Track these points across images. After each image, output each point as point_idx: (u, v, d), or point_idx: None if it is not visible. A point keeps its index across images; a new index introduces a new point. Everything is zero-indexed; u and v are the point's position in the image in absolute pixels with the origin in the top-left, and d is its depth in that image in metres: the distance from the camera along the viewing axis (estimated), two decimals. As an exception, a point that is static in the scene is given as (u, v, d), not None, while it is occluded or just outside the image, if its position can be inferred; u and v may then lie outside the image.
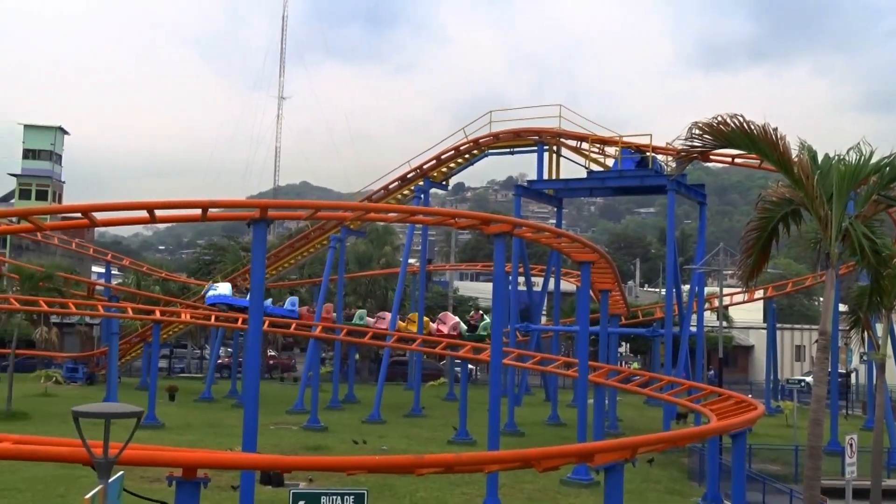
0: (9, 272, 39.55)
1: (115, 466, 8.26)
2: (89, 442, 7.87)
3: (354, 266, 56.24)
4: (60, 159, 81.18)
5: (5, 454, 9.71)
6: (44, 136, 78.63)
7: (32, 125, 79.15)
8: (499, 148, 40.26)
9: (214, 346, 47.38)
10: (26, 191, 76.40)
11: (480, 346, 32.71)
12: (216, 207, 17.04)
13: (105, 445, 7.86)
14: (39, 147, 77.96)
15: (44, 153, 77.97)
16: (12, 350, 35.44)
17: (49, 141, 78.49)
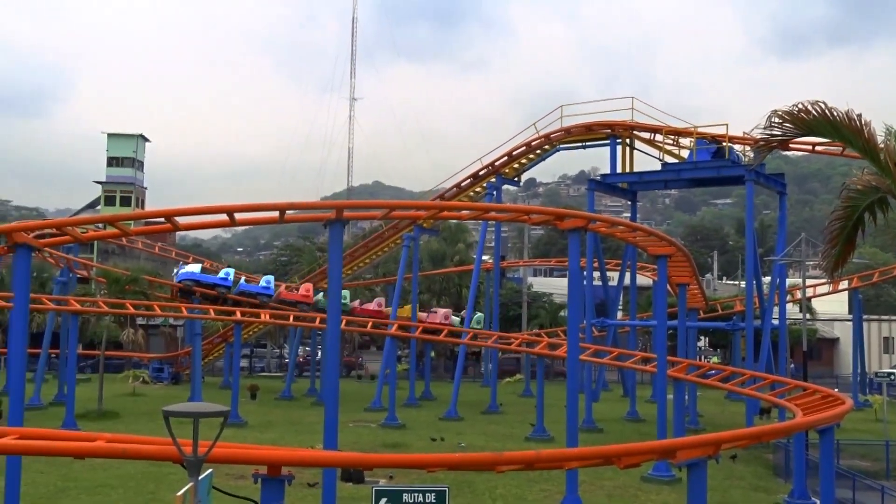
0: (97, 276, 40.88)
1: (204, 464, 8.47)
2: (178, 440, 8.10)
3: (428, 264, 56.49)
4: (142, 166, 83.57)
5: (100, 452, 10.06)
6: (126, 144, 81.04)
7: (115, 134, 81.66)
8: (570, 142, 39.93)
9: (293, 345, 48.21)
10: (111, 197, 78.80)
11: (557, 342, 32.54)
12: (293, 209, 17.32)
13: (194, 444, 8.07)
14: (122, 155, 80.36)
15: (126, 160, 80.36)
16: (101, 351, 36.64)
17: (131, 149, 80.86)
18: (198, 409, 8.10)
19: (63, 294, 37.88)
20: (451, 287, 58.56)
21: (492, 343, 37.32)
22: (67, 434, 12.17)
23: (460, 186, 41.08)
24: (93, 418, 31.85)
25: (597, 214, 27.35)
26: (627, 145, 38.22)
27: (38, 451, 10.42)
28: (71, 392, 30.31)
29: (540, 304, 63.06)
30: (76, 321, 32.24)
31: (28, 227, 17.36)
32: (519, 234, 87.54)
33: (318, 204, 21.73)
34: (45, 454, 10.53)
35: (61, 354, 40.56)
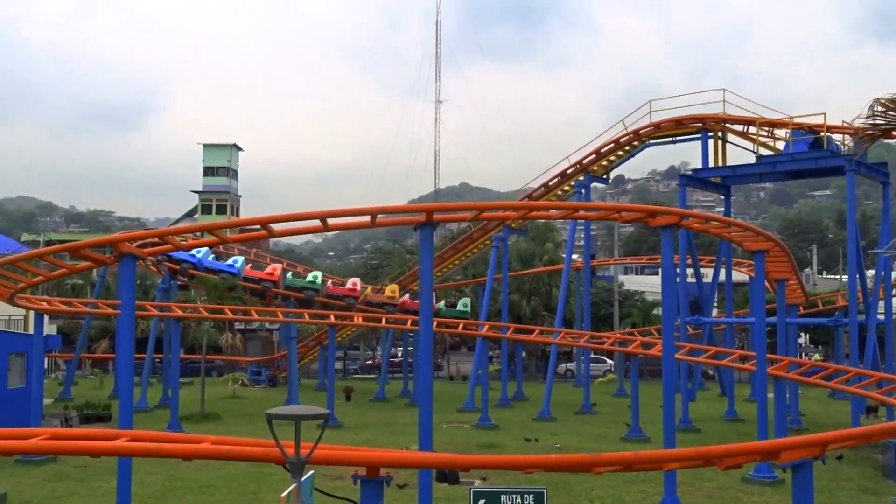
0: (196, 283, 42.16)
1: (306, 465, 8.66)
2: (281, 442, 8.30)
3: (517, 264, 56.36)
4: (236, 174, 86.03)
5: (206, 454, 10.37)
6: (221, 153, 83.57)
7: (211, 144, 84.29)
8: (660, 138, 39.26)
9: (385, 347, 48.78)
10: (207, 206, 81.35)
11: (650, 341, 32.01)
12: (384, 213, 17.52)
13: (296, 446, 8.25)
14: (217, 164, 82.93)
15: (221, 170, 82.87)
16: (202, 355, 37.84)
17: (226, 158, 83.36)
18: (299, 412, 8.29)
19: (165, 301, 39.25)
20: (541, 287, 58.28)
21: (584, 342, 36.97)
22: (175, 436, 12.60)
23: (548, 186, 40.87)
24: (196, 420, 32.90)
25: (690, 210, 26.79)
26: (719, 138, 37.32)
27: (149, 453, 10.82)
28: (175, 395, 31.37)
29: (632, 302, 62.20)
30: (178, 327, 33.34)
31: (132, 237, 18.04)
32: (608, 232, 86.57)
33: (408, 207, 21.93)
34: (155, 456, 10.91)
35: (165, 359, 42.02)
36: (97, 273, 46.94)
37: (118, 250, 17.09)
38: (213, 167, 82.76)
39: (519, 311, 55.96)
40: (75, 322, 53.24)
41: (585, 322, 42.20)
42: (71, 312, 40.20)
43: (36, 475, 21.88)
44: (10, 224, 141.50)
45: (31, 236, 78.41)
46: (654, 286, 61.53)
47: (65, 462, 23.16)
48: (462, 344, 78.76)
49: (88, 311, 38.01)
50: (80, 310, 35.54)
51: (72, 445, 10.88)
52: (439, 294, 51.25)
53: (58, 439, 10.77)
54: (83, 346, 48.07)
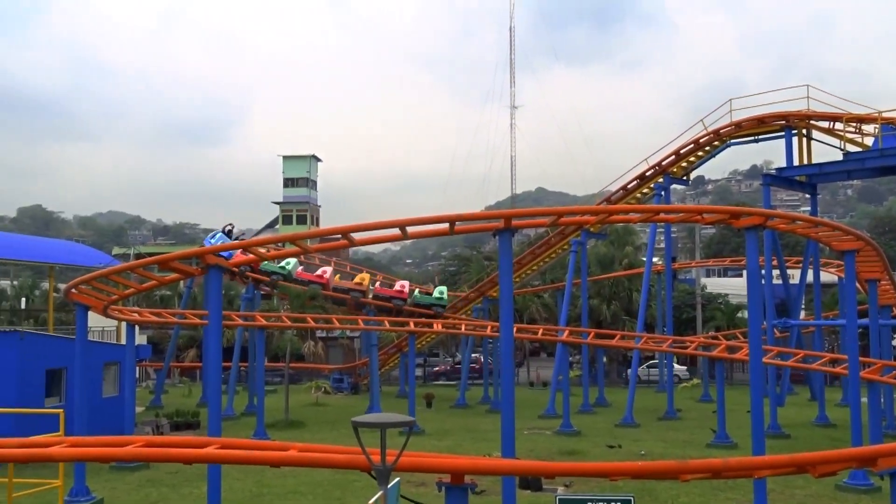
0: (279, 293, 42.96)
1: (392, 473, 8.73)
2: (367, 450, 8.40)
3: (596, 268, 55.80)
4: (315, 185, 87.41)
5: (294, 461, 10.57)
6: (300, 165, 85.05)
7: (290, 156, 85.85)
8: (741, 137, 38.35)
9: (465, 353, 48.85)
10: (288, 216, 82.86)
11: (736, 345, 31.28)
12: (462, 221, 17.57)
13: (382, 453, 8.34)
14: (297, 175, 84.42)
15: (301, 181, 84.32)
16: (286, 363, 38.50)
17: (305, 169, 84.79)
18: (384, 419, 8.37)
19: (249, 310, 40.12)
20: (622, 291, 57.59)
21: (667, 347, 36.33)
22: (263, 444, 12.87)
23: (627, 188, 40.37)
24: (281, 427, 33.51)
25: (775, 210, 26.11)
26: (804, 136, 36.26)
27: (239, 460, 11.09)
28: (261, 403, 32.01)
29: (715, 305, 60.92)
30: (263, 336, 34.05)
31: (219, 249, 18.52)
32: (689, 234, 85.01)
33: (487, 214, 21.97)
34: (245, 463, 11.19)
35: (250, 367, 42.92)
36: (184, 284, 48.27)
37: (205, 262, 17.58)
38: (293, 178, 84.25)
39: (599, 316, 55.39)
40: (164, 332, 54.89)
41: (668, 326, 41.49)
42: (160, 323, 41.43)
43: (130, 481, 22.61)
44: (101, 238, 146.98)
45: (121, 250, 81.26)
46: (737, 288, 60.06)
47: (157, 468, 23.87)
48: (541, 350, 78.34)
49: (177, 322, 39.09)
50: (168, 320, 36.58)
51: (166, 453, 11.23)
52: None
53: (153, 447, 11.13)
54: (172, 355, 49.47)
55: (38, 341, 26.87)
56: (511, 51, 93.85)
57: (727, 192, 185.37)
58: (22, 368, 25.34)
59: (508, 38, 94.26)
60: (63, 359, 26.41)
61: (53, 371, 27.04)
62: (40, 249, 40.32)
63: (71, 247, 48.82)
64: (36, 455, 10.93)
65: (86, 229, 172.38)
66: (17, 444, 11.34)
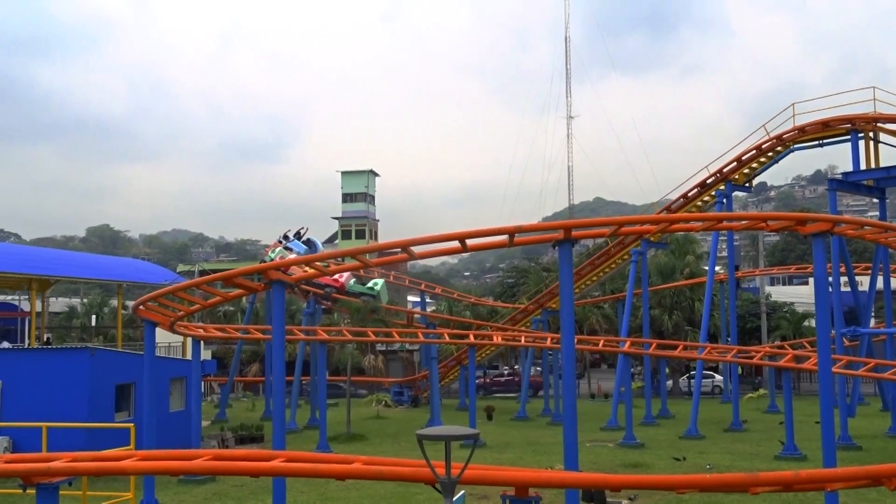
0: (340, 307, 43.35)
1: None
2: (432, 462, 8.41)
3: (657, 278, 55.08)
4: (373, 200, 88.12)
5: (359, 474, 10.64)
6: (358, 180, 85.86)
7: (348, 171, 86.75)
8: (805, 141, 37.55)
9: (525, 365, 48.60)
10: (347, 231, 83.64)
11: (803, 355, 30.57)
12: (522, 232, 17.54)
13: (447, 466, 8.34)
14: (355, 190, 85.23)
15: (359, 196, 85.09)
16: (348, 377, 38.82)
17: (363, 184, 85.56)
18: (448, 432, 8.38)
19: (311, 325, 40.55)
20: (683, 301, 56.70)
21: (731, 357, 35.66)
22: (326, 457, 12.98)
23: (687, 197, 39.83)
24: (343, 441, 33.75)
25: (842, 216, 25.51)
26: (871, 139, 35.35)
27: (305, 473, 11.19)
28: (323, 416, 32.27)
29: (780, 314, 59.63)
30: (324, 350, 34.35)
31: (281, 265, 18.80)
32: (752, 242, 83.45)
33: (546, 225, 21.89)
34: (311, 476, 11.29)
35: (312, 381, 43.34)
36: (247, 300, 49.05)
37: (268, 277, 17.86)
38: (352, 193, 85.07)
39: (660, 327, 54.62)
40: (228, 347, 55.82)
41: (732, 336, 40.76)
42: (224, 338, 42.21)
43: (197, 494, 22.98)
44: (166, 256, 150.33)
45: (186, 267, 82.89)
46: (803, 297, 58.74)
47: (223, 482, 24.22)
48: (602, 361, 77.59)
49: (240, 337, 39.72)
50: (232, 335, 37.21)
51: (234, 466, 11.40)
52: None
53: (220, 460, 11.31)
54: (236, 370, 50.26)
55: (108, 357, 27.54)
56: (567, 60, 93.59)
57: (790, 198, 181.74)
58: (92, 384, 25.99)
59: (564, 47, 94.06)
60: (132, 374, 27.02)
61: (122, 386, 27.68)
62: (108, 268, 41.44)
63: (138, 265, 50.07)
64: (109, 468, 11.20)
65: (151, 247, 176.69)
66: (90, 458, 11.64)
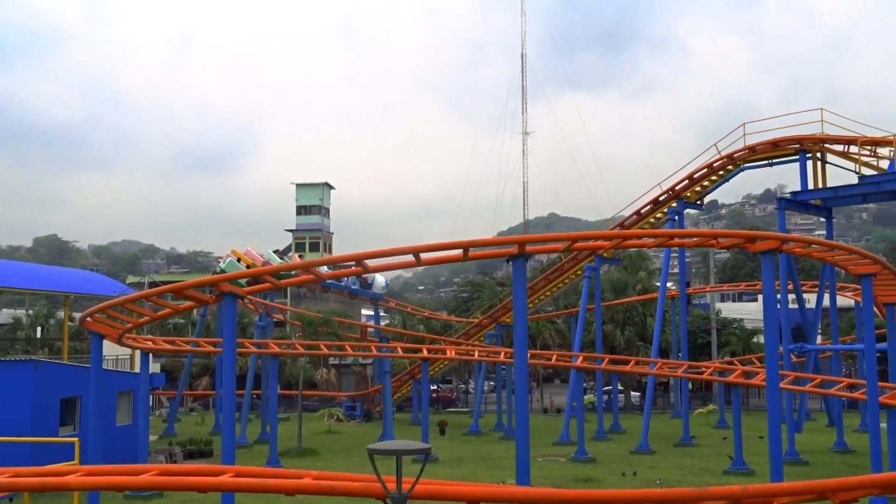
0: (292, 320, 43.00)
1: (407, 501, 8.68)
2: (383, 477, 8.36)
3: (610, 294, 55.62)
4: (328, 212, 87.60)
5: (308, 489, 10.54)
6: (313, 192, 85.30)
7: (303, 183, 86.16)
8: (755, 161, 38.33)
9: (479, 380, 48.65)
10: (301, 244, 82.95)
11: (753, 370, 31.06)
12: (476, 247, 17.61)
13: (398, 481, 8.31)
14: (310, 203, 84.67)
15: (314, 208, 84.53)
16: (299, 391, 38.47)
17: (318, 197, 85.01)
18: (400, 446, 8.35)
19: (262, 338, 40.15)
20: (636, 316, 57.31)
21: (682, 373, 36.10)
22: (277, 472, 12.83)
23: (640, 213, 40.34)
24: (294, 456, 33.40)
25: (790, 234, 26.03)
26: (819, 159, 36.21)
27: (254, 489, 11.05)
28: (274, 431, 31.94)
29: (730, 330, 60.55)
30: (276, 363, 34.05)
31: (232, 277, 18.61)
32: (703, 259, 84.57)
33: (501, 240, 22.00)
34: (260, 491, 11.14)
35: (263, 395, 42.86)
36: (197, 312, 48.41)
37: (219, 290, 17.65)
38: (306, 206, 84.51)
39: (613, 342, 55.14)
40: (177, 360, 54.99)
41: (682, 351, 41.30)
42: (174, 351, 41.56)
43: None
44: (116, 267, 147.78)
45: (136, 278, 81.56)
46: (752, 313, 59.78)
47: (171, 497, 23.80)
48: (555, 376, 77.96)
49: (190, 350, 39.18)
50: (182, 348, 36.68)
51: (181, 481, 11.22)
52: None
53: (167, 475, 11.12)
54: (185, 383, 49.50)
55: (53, 370, 26.93)
56: (523, 77, 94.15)
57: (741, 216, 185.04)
58: (37, 397, 25.38)
59: (520, 64, 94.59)
60: (77, 387, 26.46)
61: (68, 400, 27.07)
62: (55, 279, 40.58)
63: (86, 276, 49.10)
64: (52, 484, 10.96)
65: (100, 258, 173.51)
66: (33, 473, 11.37)
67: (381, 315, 61.39)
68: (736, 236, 20.19)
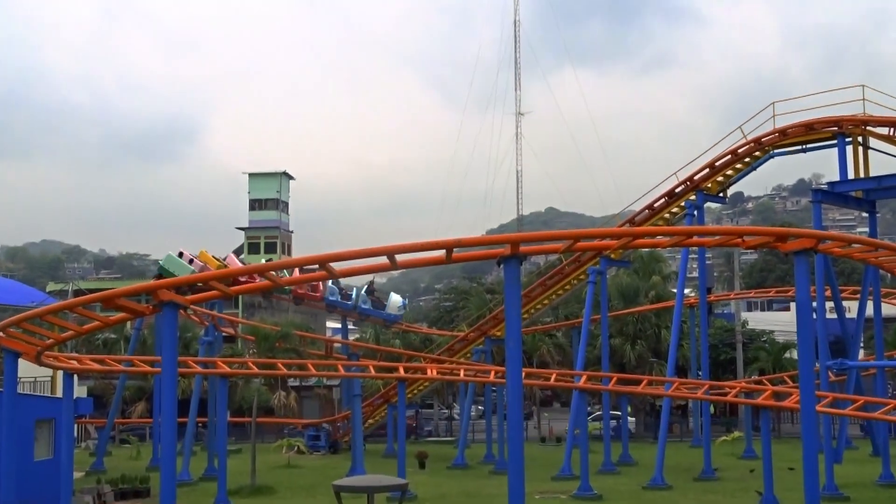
0: (244, 334, 42.87)
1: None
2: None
3: (618, 302, 55.80)
4: (287, 207, 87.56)
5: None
6: (269, 183, 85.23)
7: (257, 173, 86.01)
8: (786, 146, 38.56)
9: (465, 405, 48.64)
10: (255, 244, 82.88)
11: (785, 391, 31.22)
12: (461, 247, 17.58)
13: (369, 523, 8.28)
14: (265, 196, 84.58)
15: (270, 202, 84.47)
16: (253, 418, 38.27)
17: (275, 189, 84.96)
18: (371, 482, 8.32)
19: (209, 355, 39.96)
20: (648, 328, 57.55)
21: (702, 394, 36.25)
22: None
23: (653, 208, 40.47)
24: (246, 494, 33.29)
25: (828, 232, 26.20)
26: (860, 144, 36.44)
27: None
28: (222, 465, 31.77)
29: (758, 344, 60.94)
30: (225, 385, 33.85)
31: (174, 284, 18.53)
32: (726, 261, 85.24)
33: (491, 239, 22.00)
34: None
35: (210, 423, 42.66)
36: (131, 326, 48.16)
37: (157, 299, 17.55)
38: (261, 199, 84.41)
39: (622, 359, 55.35)
40: (108, 383, 54.67)
41: (703, 369, 41.43)
42: (104, 371, 41.26)
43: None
44: (34, 272, 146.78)
45: (57, 285, 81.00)
46: (784, 324, 60.12)
47: (100, 544, 23.66)
48: (554, 398, 78.15)
49: (123, 370, 38.89)
50: (114, 368, 36.35)
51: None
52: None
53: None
54: (117, 410, 49.18)
55: (-41, 394, 26.68)
56: (516, 49, 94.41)
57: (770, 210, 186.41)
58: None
59: (513, 33, 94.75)
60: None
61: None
62: (-39, 286, 40.24)
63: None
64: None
65: (15, 262, 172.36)
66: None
67: (350, 328, 61.29)
68: (764, 234, 20.31)
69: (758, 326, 65.03)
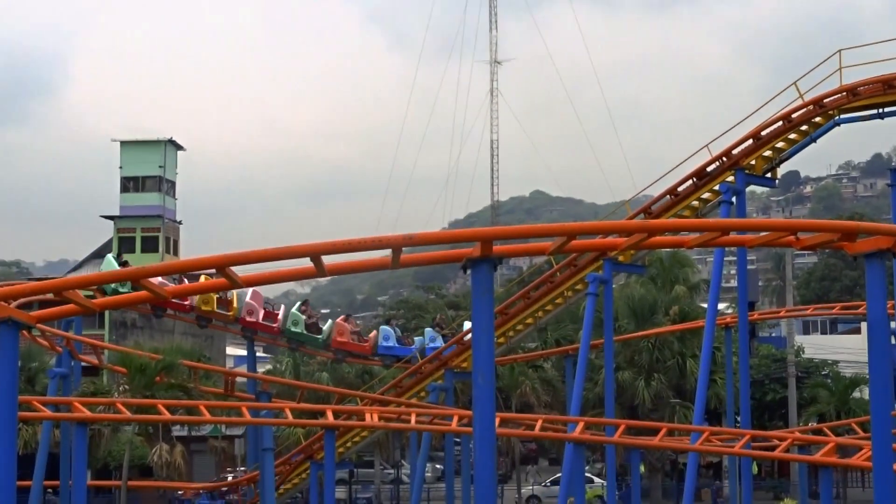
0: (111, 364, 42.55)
1: None
2: None
3: (628, 321, 56.08)
4: (174, 188, 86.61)
5: None
6: (149, 155, 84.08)
7: (132, 141, 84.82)
8: (857, 110, 38.91)
9: (417, 463, 48.69)
10: (128, 239, 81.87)
11: (853, 443, 31.55)
12: (414, 245, 17.60)
13: None
14: (143, 173, 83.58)
15: (150, 181, 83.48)
16: (123, 481, 38.08)
17: (157, 163, 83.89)
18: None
19: (63, 394, 39.64)
20: (668, 357, 57.78)
21: (741, 448, 36.57)
22: None
23: (676, 193, 40.59)
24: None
25: (911, 227, 26.51)
26: (955, 109, 37.03)
27: None
28: (81, 546, 31.62)
29: (818, 379, 61.55)
30: (84, 435, 33.63)
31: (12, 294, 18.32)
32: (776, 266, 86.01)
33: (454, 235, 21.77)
34: None
35: (63, 487, 42.32)
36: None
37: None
38: (138, 177, 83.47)
39: (633, 399, 55.61)
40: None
41: (743, 414, 41.77)
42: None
43: None
44: None
45: None
46: (853, 351, 60.67)
47: None
48: (540, 453, 78.45)
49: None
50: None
51: None
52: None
53: None
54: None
55: None
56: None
57: (835, 196, 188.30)
58: None
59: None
60: None
61: None
62: None
63: None
64: None
65: None
66: None
67: (260, 356, 61.14)
68: (826, 230, 20.49)
69: (817, 355, 65.60)
